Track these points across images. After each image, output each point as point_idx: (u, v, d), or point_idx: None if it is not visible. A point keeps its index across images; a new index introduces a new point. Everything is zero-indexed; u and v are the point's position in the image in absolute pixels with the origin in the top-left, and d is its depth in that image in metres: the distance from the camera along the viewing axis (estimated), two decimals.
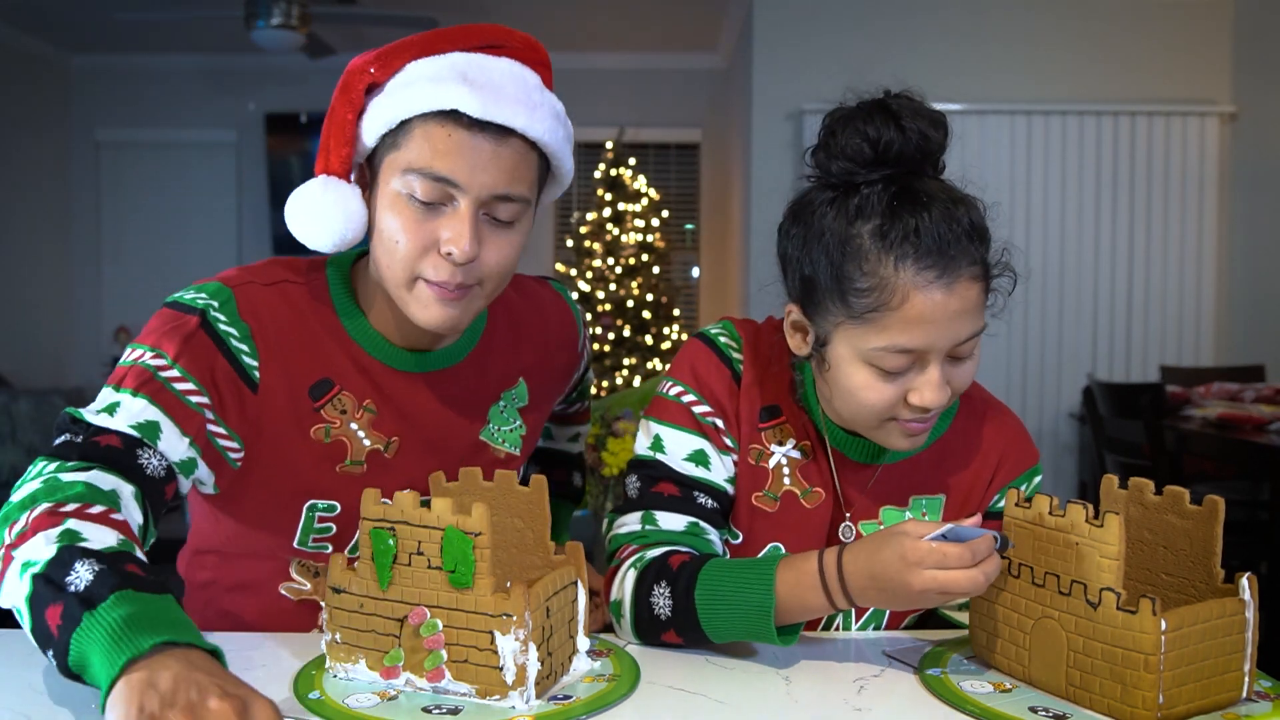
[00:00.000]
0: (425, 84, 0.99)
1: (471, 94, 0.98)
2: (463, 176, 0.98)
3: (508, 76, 1.02)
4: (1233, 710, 0.88)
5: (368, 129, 1.03)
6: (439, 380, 1.14)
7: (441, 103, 0.98)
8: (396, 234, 1.00)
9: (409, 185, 0.99)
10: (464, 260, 0.99)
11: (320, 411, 1.07)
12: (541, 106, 1.03)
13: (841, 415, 1.06)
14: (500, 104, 0.99)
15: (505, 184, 1.00)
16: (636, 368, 5.39)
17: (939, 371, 0.98)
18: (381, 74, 1.02)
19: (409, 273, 1.01)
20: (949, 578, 0.89)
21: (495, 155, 0.99)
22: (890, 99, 1.00)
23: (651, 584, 1.02)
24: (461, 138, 0.98)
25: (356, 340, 1.10)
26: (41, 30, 5.77)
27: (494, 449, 1.18)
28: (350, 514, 1.10)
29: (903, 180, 0.98)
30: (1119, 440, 3.43)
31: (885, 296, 0.95)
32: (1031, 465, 1.16)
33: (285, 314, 1.07)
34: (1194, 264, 4.62)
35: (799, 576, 0.96)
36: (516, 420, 1.20)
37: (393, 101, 1.00)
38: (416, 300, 1.03)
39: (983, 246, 0.99)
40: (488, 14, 5.39)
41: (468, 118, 0.98)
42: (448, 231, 0.99)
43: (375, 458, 1.11)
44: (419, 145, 0.99)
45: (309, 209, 1.03)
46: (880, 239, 0.96)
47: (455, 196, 0.99)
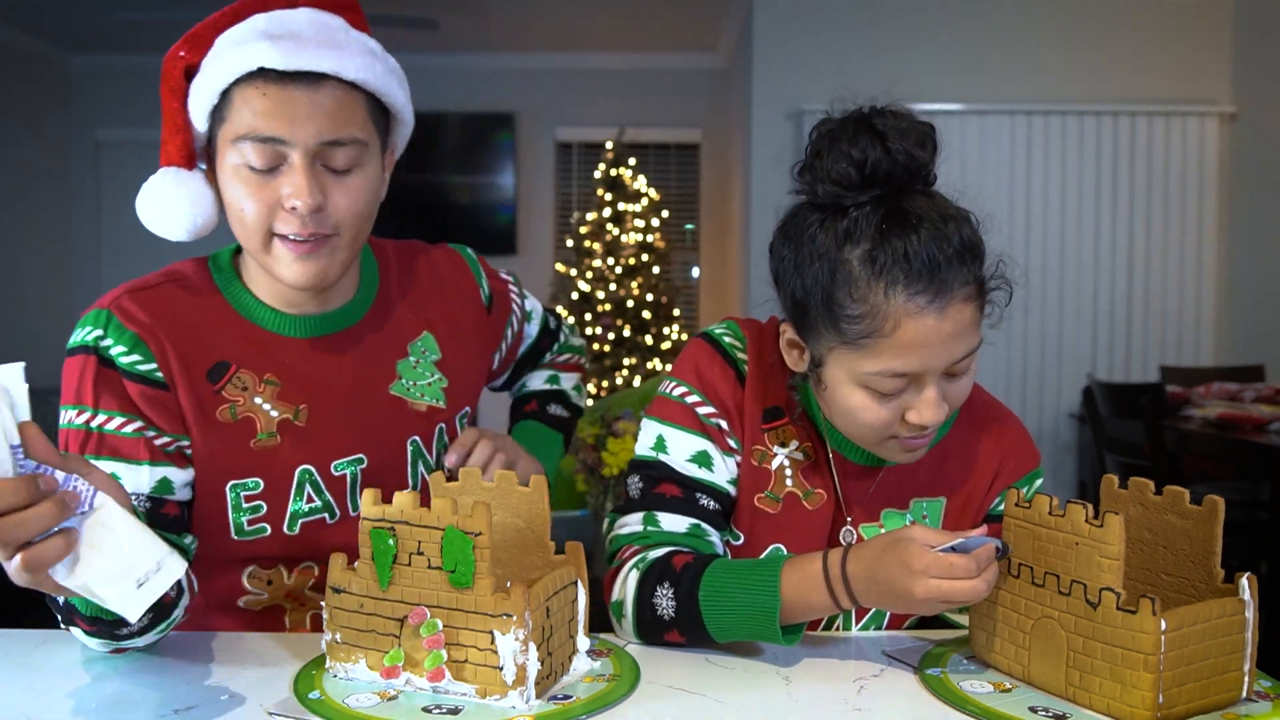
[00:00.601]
0: (231, 51, 1.01)
1: (273, 47, 0.99)
2: (286, 131, 1.00)
3: (307, 24, 1.03)
4: (1232, 710, 0.88)
5: (195, 112, 1.05)
6: (338, 342, 1.14)
7: (248, 64, 0.99)
8: (241, 201, 1.03)
9: (242, 154, 1.01)
10: (308, 210, 1.01)
11: (222, 393, 1.08)
12: (348, 45, 1.04)
13: (840, 430, 1.06)
14: (304, 51, 1.00)
15: (331, 130, 1.02)
16: (636, 368, 5.39)
17: (935, 391, 0.98)
18: (194, 55, 1.04)
19: (263, 234, 1.03)
20: (952, 587, 0.89)
21: (313, 103, 1.01)
22: (875, 116, 0.98)
23: (654, 585, 1.02)
24: (275, 93, 1.00)
25: (248, 318, 1.11)
26: (41, 30, 5.77)
27: (411, 403, 1.18)
28: (273, 489, 1.10)
29: (891, 200, 0.96)
30: (1119, 440, 3.43)
31: (877, 323, 0.94)
32: (1033, 468, 1.16)
33: (166, 310, 1.08)
34: (1194, 264, 4.62)
35: (803, 577, 0.96)
36: (433, 373, 1.20)
37: (208, 77, 1.02)
38: (278, 261, 1.05)
39: (976, 264, 0.97)
40: (488, 14, 5.39)
41: (275, 72, 0.99)
42: (287, 187, 1.01)
43: (287, 427, 1.11)
44: (239, 112, 1.01)
45: (156, 202, 1.06)
46: (870, 264, 0.94)
47: (286, 153, 1.01)
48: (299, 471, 1.11)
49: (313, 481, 1.12)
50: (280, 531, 1.11)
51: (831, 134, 0.98)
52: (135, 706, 0.87)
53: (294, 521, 1.11)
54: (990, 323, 1.01)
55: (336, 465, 1.13)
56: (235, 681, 0.92)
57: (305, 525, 1.12)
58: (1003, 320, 1.02)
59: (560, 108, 6.21)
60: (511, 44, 6.01)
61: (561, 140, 6.29)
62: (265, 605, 1.14)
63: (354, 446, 1.14)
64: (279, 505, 1.11)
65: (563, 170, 6.35)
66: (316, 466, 1.12)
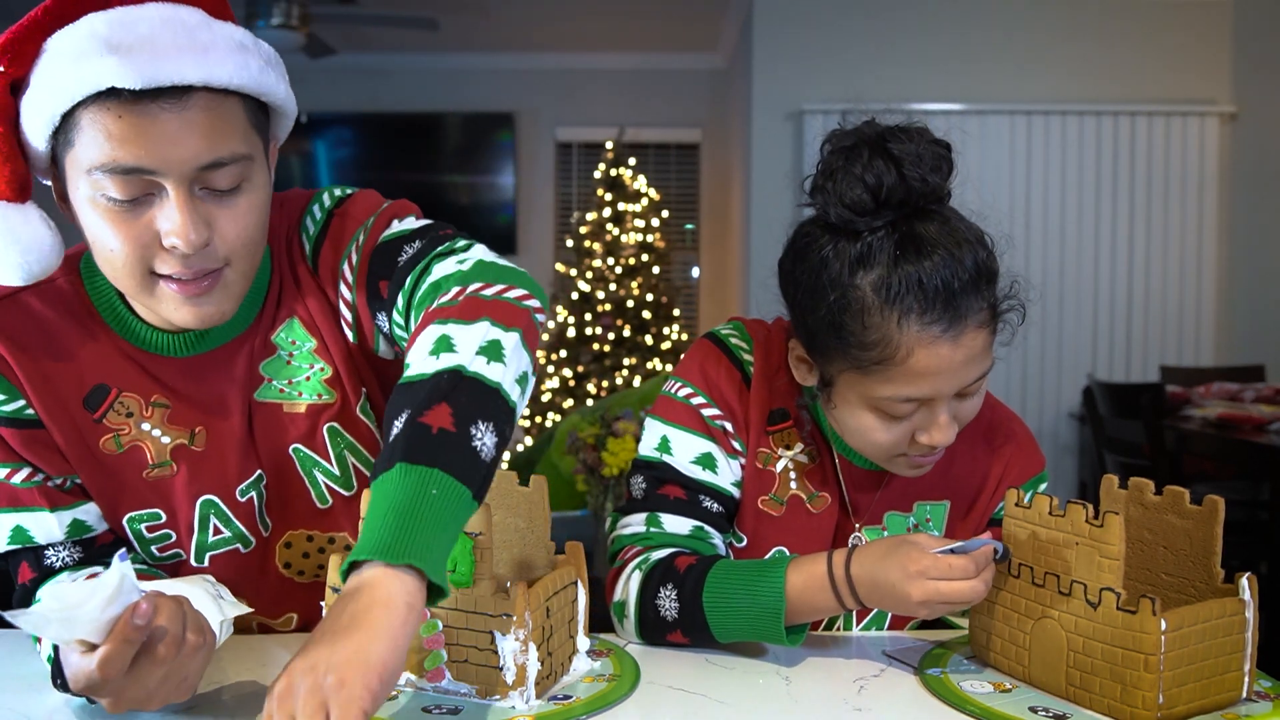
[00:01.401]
0: (68, 65, 0.81)
1: (123, 63, 0.80)
2: (152, 160, 0.82)
3: (160, 25, 0.83)
4: (1233, 710, 0.88)
5: (31, 133, 0.85)
6: (228, 354, 0.99)
7: (93, 84, 0.80)
8: (109, 241, 0.85)
9: (100, 186, 0.83)
10: (193, 249, 0.85)
11: (103, 421, 0.95)
12: (214, 46, 0.85)
13: (849, 445, 1.07)
14: (161, 61, 0.81)
15: (208, 150, 0.84)
16: (636, 368, 5.39)
17: (946, 414, 0.98)
18: (17, 67, 0.84)
19: (141, 278, 0.87)
20: (950, 588, 0.89)
21: (182, 122, 0.83)
22: (890, 138, 0.95)
23: (657, 586, 1.02)
24: (133, 116, 0.81)
25: (126, 338, 0.96)
26: None
27: (285, 406, 1.00)
28: (178, 517, 1.00)
29: (905, 225, 0.94)
30: (1119, 440, 3.43)
31: (889, 351, 0.94)
32: (1037, 472, 1.16)
33: (28, 326, 0.93)
34: (1194, 264, 4.62)
35: (808, 579, 0.97)
36: (312, 363, 1.01)
37: (41, 96, 0.83)
38: (164, 304, 0.89)
39: (990, 289, 0.96)
40: (488, 14, 5.39)
41: (129, 92, 0.81)
42: (165, 223, 0.84)
43: (183, 453, 0.98)
44: (90, 138, 0.82)
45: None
46: (883, 292, 0.93)
47: (157, 182, 0.84)
48: (200, 502, 0.99)
49: (218, 512, 1.00)
50: (189, 564, 1.02)
51: (845, 154, 0.96)
52: None
53: (201, 554, 1.01)
54: (1002, 341, 1.00)
55: (241, 490, 1.01)
56: (235, 681, 0.92)
57: (215, 558, 1.02)
58: (1015, 338, 1.01)
59: (560, 108, 6.21)
60: (511, 44, 6.01)
61: (561, 140, 6.29)
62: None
63: (250, 467, 1.01)
64: (185, 537, 1.01)
65: (563, 170, 6.35)
66: (220, 495, 1.00)
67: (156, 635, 0.75)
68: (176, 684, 0.79)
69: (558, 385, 5.44)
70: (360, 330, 1.02)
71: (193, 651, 0.78)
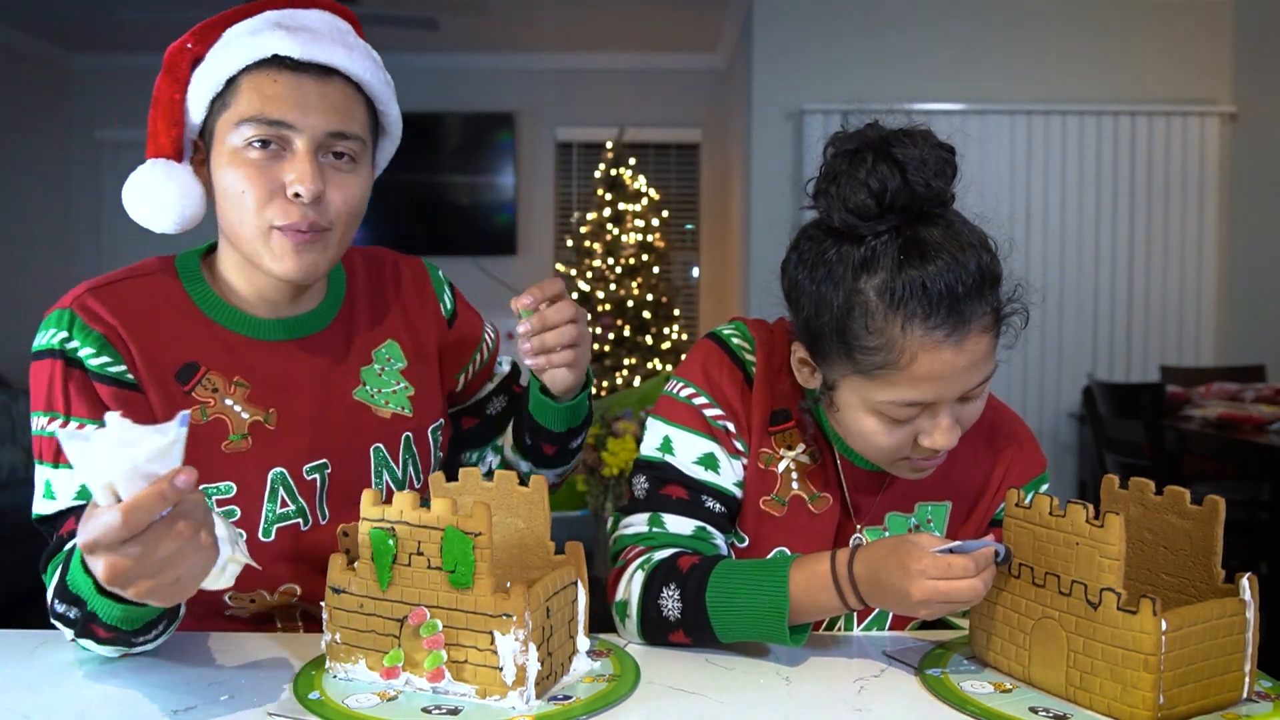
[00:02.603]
0: (244, 39, 1.03)
1: (289, 38, 1.02)
2: (295, 117, 1.01)
3: (321, 22, 1.07)
4: (1233, 710, 0.88)
5: (194, 100, 1.05)
6: (305, 347, 1.13)
7: (262, 51, 1.02)
8: (241, 185, 1.02)
9: (245, 136, 1.02)
10: (311, 198, 1.01)
11: (192, 394, 1.06)
12: (358, 49, 1.07)
13: (851, 447, 1.06)
14: (318, 44, 1.03)
15: (338, 122, 1.04)
16: (636, 368, 5.39)
17: (949, 418, 0.98)
18: (200, 47, 1.05)
19: (261, 223, 1.03)
20: (950, 587, 0.89)
21: (322, 94, 1.03)
22: (894, 143, 0.95)
23: (660, 586, 1.02)
24: (287, 80, 1.02)
25: (216, 320, 1.10)
26: (41, 30, 5.77)
27: (375, 409, 1.16)
28: (247, 492, 1.08)
29: (909, 229, 0.94)
30: (1119, 440, 3.43)
31: (893, 356, 0.94)
32: (1038, 473, 1.16)
33: (132, 309, 1.06)
34: (1194, 264, 4.62)
35: (811, 578, 0.97)
36: (399, 381, 1.19)
37: (215, 64, 1.03)
38: (271, 252, 1.04)
39: (994, 293, 0.96)
40: (488, 14, 5.39)
41: (290, 60, 1.02)
42: (291, 173, 1.02)
43: (258, 429, 1.09)
44: (248, 96, 1.02)
45: (145, 193, 1.05)
46: (886, 296, 0.93)
47: (291, 139, 1.02)
48: (272, 474, 1.09)
49: (285, 484, 1.10)
50: (256, 538, 1.08)
51: (848, 157, 0.96)
52: (135, 706, 0.87)
53: (270, 527, 1.09)
54: (1005, 344, 1.00)
55: (307, 469, 1.11)
56: (235, 682, 0.92)
57: (281, 531, 1.09)
58: (1017, 341, 1.01)
59: (560, 108, 6.21)
60: (511, 44, 6.01)
61: (561, 140, 6.29)
62: (252, 612, 1.12)
63: (320, 451, 1.12)
64: (254, 509, 1.08)
65: (563, 170, 6.35)
66: (288, 469, 1.10)
67: (180, 510, 0.77)
68: (172, 577, 0.78)
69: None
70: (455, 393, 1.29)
71: (202, 550, 0.78)
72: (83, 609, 0.90)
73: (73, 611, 0.91)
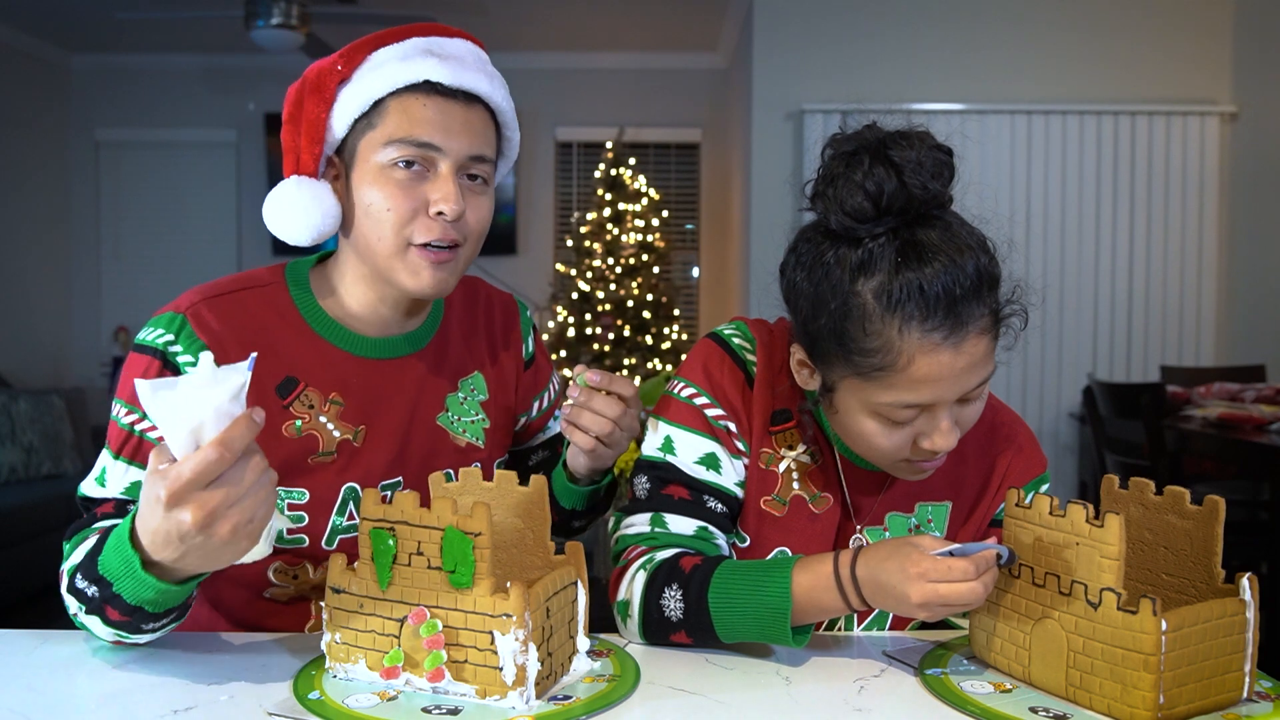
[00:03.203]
0: (396, 63, 1.07)
1: (442, 65, 1.07)
2: (442, 140, 1.07)
3: (467, 51, 1.13)
4: (1233, 711, 0.88)
5: (338, 119, 1.09)
6: (401, 368, 1.17)
7: (415, 76, 1.07)
8: (386, 202, 1.07)
9: (392, 156, 1.06)
10: (454, 217, 1.07)
11: (289, 408, 1.11)
12: (496, 78, 1.14)
13: (851, 449, 1.06)
14: (466, 73, 1.09)
15: (478, 146, 1.09)
16: (636, 368, 5.39)
17: (948, 420, 0.98)
18: (348, 69, 1.09)
19: (401, 239, 1.08)
20: (950, 590, 0.89)
21: (466, 120, 1.09)
22: (891, 145, 0.95)
23: (662, 586, 1.02)
24: (437, 104, 1.07)
25: (320, 333, 1.14)
26: (41, 30, 5.77)
27: (453, 436, 1.20)
28: (318, 500, 1.12)
29: (906, 231, 0.94)
30: (1119, 440, 3.43)
31: (891, 358, 0.93)
32: (1039, 473, 1.16)
33: (242, 321, 1.10)
34: (1194, 264, 4.62)
35: (814, 579, 0.97)
36: (478, 412, 1.23)
37: (364, 86, 1.08)
38: (408, 267, 1.08)
39: (992, 294, 0.95)
40: (487, 13, 5.39)
41: (441, 86, 1.07)
42: (436, 193, 1.07)
43: (345, 446, 1.13)
44: (397, 118, 1.07)
45: (287, 208, 1.09)
46: (884, 299, 0.93)
47: (436, 160, 1.07)
48: (345, 489, 1.13)
49: (356, 500, 1.13)
50: (318, 545, 1.12)
51: (845, 160, 0.96)
52: (135, 706, 0.87)
53: (333, 537, 1.13)
54: (1005, 345, 1.00)
55: (381, 487, 1.14)
56: (235, 681, 0.92)
57: (343, 541, 1.13)
58: (1017, 342, 1.01)
59: (560, 108, 6.21)
60: (511, 44, 6.01)
61: (561, 140, 6.28)
62: (290, 597, 1.14)
63: (396, 470, 1.16)
64: (321, 518, 1.12)
65: (563, 170, 6.34)
66: (362, 485, 1.13)
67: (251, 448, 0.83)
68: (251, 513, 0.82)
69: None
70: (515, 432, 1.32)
71: (273, 486, 0.85)
72: (105, 589, 0.91)
73: (91, 589, 0.93)
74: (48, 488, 4.22)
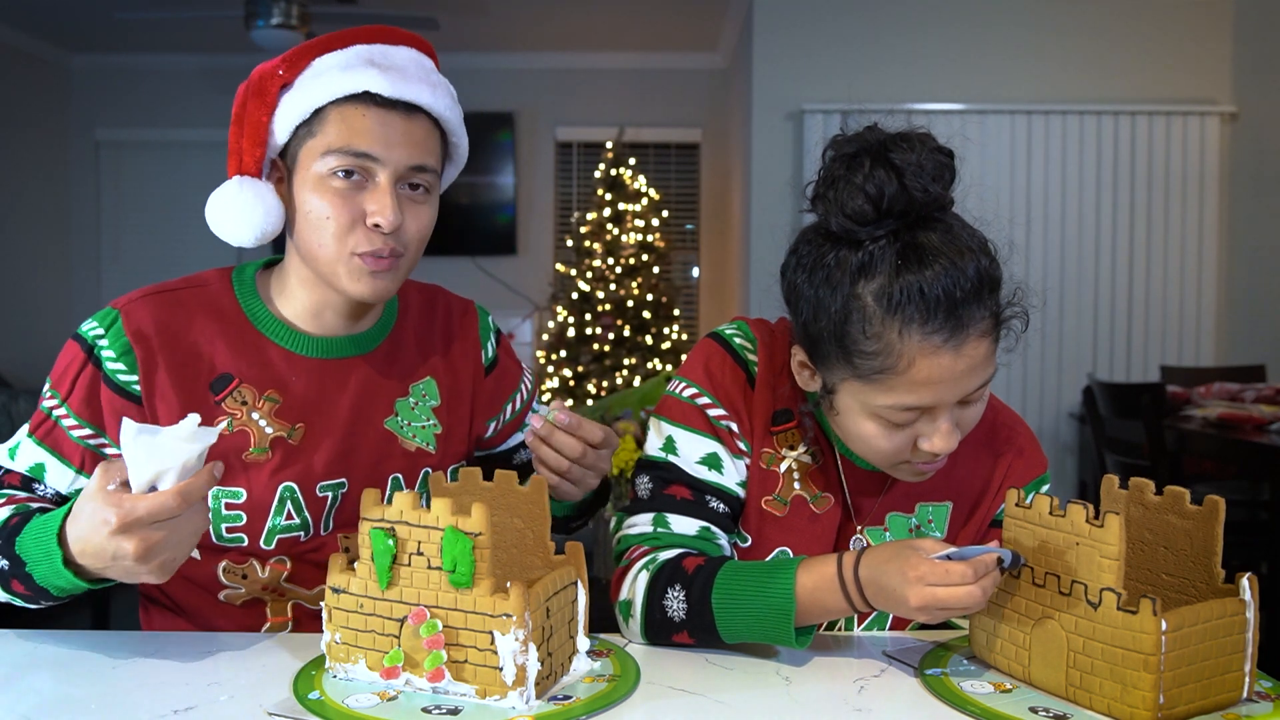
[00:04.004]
0: (336, 72, 1.08)
1: (381, 76, 1.07)
2: (380, 151, 1.07)
3: (409, 60, 1.12)
4: (1233, 710, 0.88)
5: (280, 124, 1.09)
6: (346, 368, 1.17)
7: (355, 86, 1.07)
8: (325, 211, 1.07)
9: (330, 165, 1.07)
10: (391, 229, 1.07)
11: (221, 404, 1.11)
12: (440, 86, 1.13)
13: (852, 450, 1.06)
14: (407, 83, 1.08)
15: (419, 156, 1.09)
16: (636, 368, 5.39)
17: (949, 422, 0.98)
18: (290, 74, 1.10)
19: (341, 247, 1.08)
20: (948, 594, 0.89)
21: (407, 131, 1.08)
22: (892, 147, 0.94)
23: (665, 586, 1.02)
24: (376, 116, 1.07)
25: (262, 331, 1.15)
26: (41, 30, 5.77)
27: (402, 440, 1.19)
28: (255, 500, 1.12)
29: (907, 234, 0.94)
30: (1119, 440, 3.43)
31: (891, 361, 0.93)
32: (1040, 474, 1.16)
33: (177, 320, 1.12)
34: (1194, 264, 4.62)
35: (819, 580, 0.97)
36: (429, 418, 1.22)
37: (305, 93, 1.08)
38: (349, 274, 1.09)
39: (993, 297, 0.95)
40: (488, 14, 5.39)
41: (380, 97, 1.07)
42: (373, 204, 1.07)
43: (280, 444, 1.13)
44: (336, 127, 1.07)
45: (229, 208, 1.10)
46: (884, 301, 0.93)
47: (375, 171, 1.07)
48: (282, 487, 1.12)
49: (294, 499, 1.13)
50: (257, 544, 1.12)
51: (846, 162, 0.96)
52: (135, 706, 0.87)
53: (271, 536, 1.13)
54: (1005, 347, 1.00)
55: (321, 487, 1.14)
56: (235, 681, 0.92)
57: (281, 541, 1.13)
58: (1018, 344, 1.01)
59: (560, 108, 6.21)
60: (511, 44, 6.01)
61: (561, 140, 6.28)
62: (244, 600, 1.15)
63: (339, 471, 1.15)
64: (259, 518, 1.12)
65: (563, 170, 6.35)
66: (300, 485, 1.13)
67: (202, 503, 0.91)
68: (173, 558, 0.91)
69: (557, 385, 5.44)
70: (485, 439, 1.31)
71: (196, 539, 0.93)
72: (17, 567, 0.97)
73: (2, 563, 0.98)
74: None
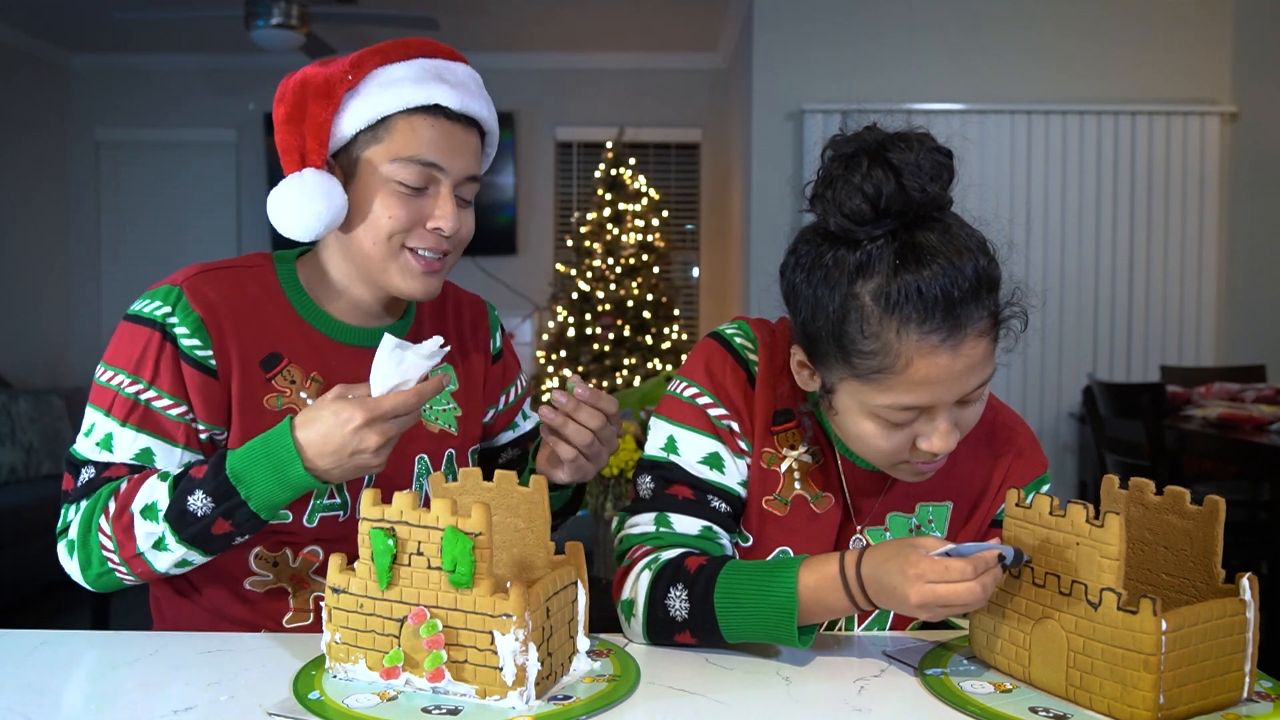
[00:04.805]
0: (409, 84, 1.14)
1: (451, 91, 1.15)
2: (445, 161, 1.15)
3: (468, 77, 1.20)
4: (1233, 711, 0.88)
5: (346, 126, 1.15)
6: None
7: (426, 98, 1.14)
8: (387, 213, 1.14)
9: (396, 172, 1.13)
10: (452, 234, 1.16)
11: (272, 382, 1.16)
12: (490, 102, 1.22)
13: (851, 449, 1.06)
14: (470, 99, 1.17)
15: (473, 167, 1.18)
16: (636, 368, 5.39)
17: (947, 422, 0.98)
18: (357, 78, 1.15)
19: (395, 246, 1.16)
20: (948, 591, 0.89)
21: (466, 142, 1.17)
22: (890, 147, 0.94)
23: (667, 586, 1.02)
24: (443, 128, 1.15)
25: (305, 318, 1.20)
26: (41, 30, 5.77)
27: (426, 424, 1.27)
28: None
29: (905, 233, 0.94)
30: (1119, 440, 3.43)
31: (889, 360, 0.93)
32: (1040, 474, 1.16)
33: (234, 295, 1.16)
34: (1194, 264, 4.62)
35: (821, 579, 0.97)
36: (449, 402, 1.30)
37: (373, 100, 1.14)
38: (402, 272, 1.17)
39: (991, 296, 0.95)
40: (488, 14, 5.39)
41: (449, 110, 1.15)
42: (437, 211, 1.16)
43: None
44: (405, 136, 1.14)
45: (300, 199, 1.13)
46: (882, 301, 0.93)
47: (438, 179, 1.15)
48: None
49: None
50: (300, 522, 1.16)
51: (844, 162, 0.96)
52: (135, 706, 0.87)
53: (314, 514, 1.17)
54: (1005, 347, 1.00)
55: None
56: (235, 681, 0.92)
57: (323, 519, 1.18)
58: (1017, 344, 1.00)
59: (560, 108, 6.21)
60: (511, 44, 6.01)
61: (561, 140, 6.28)
62: (270, 587, 1.18)
63: None
64: (301, 499, 1.16)
65: (563, 170, 6.34)
66: None
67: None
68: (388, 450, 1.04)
69: (557, 385, 5.44)
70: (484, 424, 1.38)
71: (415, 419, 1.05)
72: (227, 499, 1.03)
73: (203, 507, 1.03)
74: (48, 488, 4.22)
